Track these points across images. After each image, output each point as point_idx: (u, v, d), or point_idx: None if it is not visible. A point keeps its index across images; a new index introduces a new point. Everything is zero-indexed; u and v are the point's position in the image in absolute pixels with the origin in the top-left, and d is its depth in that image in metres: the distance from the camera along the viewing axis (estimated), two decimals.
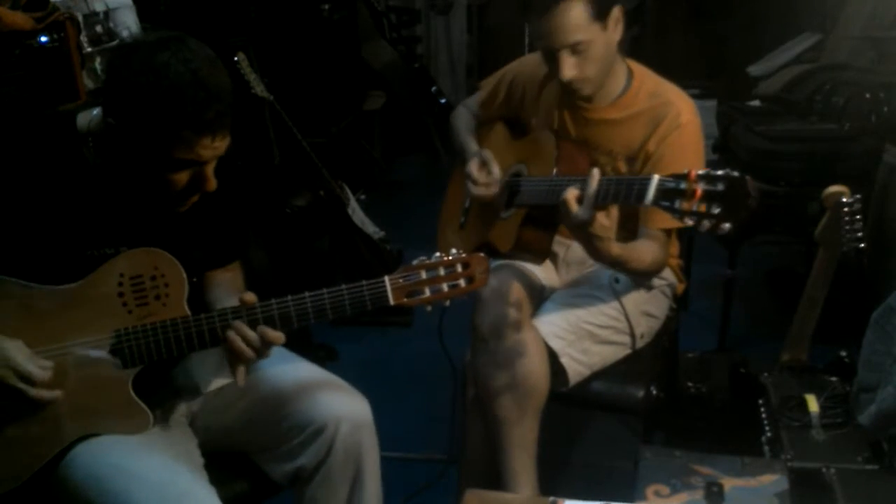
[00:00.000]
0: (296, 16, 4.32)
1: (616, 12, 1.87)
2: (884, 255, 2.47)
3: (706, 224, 1.48)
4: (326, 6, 4.47)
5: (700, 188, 1.48)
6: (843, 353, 1.97)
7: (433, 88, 4.95)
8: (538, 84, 2.11)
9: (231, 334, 1.47)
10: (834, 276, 1.97)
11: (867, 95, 3.00)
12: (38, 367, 1.44)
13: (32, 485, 1.48)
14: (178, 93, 1.36)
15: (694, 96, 5.00)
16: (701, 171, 1.49)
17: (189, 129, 1.39)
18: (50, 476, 1.48)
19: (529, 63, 2.14)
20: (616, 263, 1.83)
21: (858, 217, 1.92)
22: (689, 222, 1.51)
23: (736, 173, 1.47)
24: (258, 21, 4.02)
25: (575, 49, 1.83)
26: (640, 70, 2.02)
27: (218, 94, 1.40)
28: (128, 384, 1.50)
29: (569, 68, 1.85)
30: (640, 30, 5.63)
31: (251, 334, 1.47)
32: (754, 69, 4.10)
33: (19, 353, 1.44)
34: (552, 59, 1.88)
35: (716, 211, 1.47)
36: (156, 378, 1.56)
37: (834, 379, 1.89)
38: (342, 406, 1.63)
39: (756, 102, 3.64)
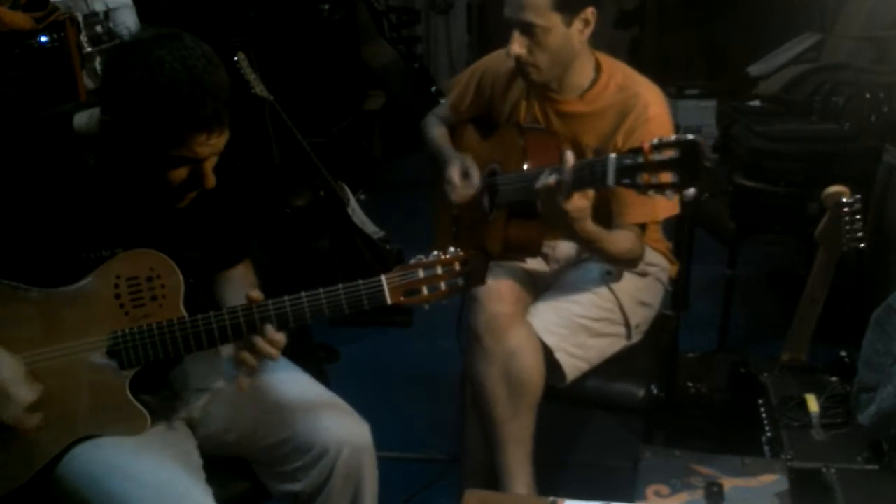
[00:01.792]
0: (296, 16, 4.32)
1: (588, 14, 1.86)
2: (884, 255, 2.47)
3: (669, 193, 1.50)
4: (326, 6, 4.48)
5: (656, 159, 1.49)
6: (843, 353, 1.97)
7: (433, 88, 4.96)
8: (506, 76, 2.11)
9: (242, 353, 1.48)
10: (834, 276, 1.97)
11: (867, 95, 3.00)
12: (25, 392, 1.43)
13: (31, 486, 1.48)
14: (173, 90, 1.35)
15: (694, 96, 5.01)
16: (654, 141, 1.50)
17: (184, 126, 1.38)
18: (48, 477, 1.48)
19: (498, 57, 2.13)
20: (593, 242, 1.83)
21: (858, 217, 1.92)
22: (652, 193, 1.52)
23: (689, 137, 1.48)
24: (258, 21, 4.02)
25: (527, 31, 1.84)
26: (610, 63, 2.01)
27: (214, 91, 1.38)
28: (125, 386, 1.49)
29: (516, 45, 1.86)
30: (640, 30, 5.64)
31: (264, 347, 1.47)
32: (754, 69, 4.10)
33: (13, 373, 1.43)
34: (509, 32, 1.88)
35: (675, 179, 1.48)
36: (153, 379, 1.56)
37: (834, 379, 1.89)
38: (343, 431, 1.62)
39: (756, 102, 3.64)
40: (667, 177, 1.49)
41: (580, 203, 1.68)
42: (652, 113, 1.91)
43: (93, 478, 1.44)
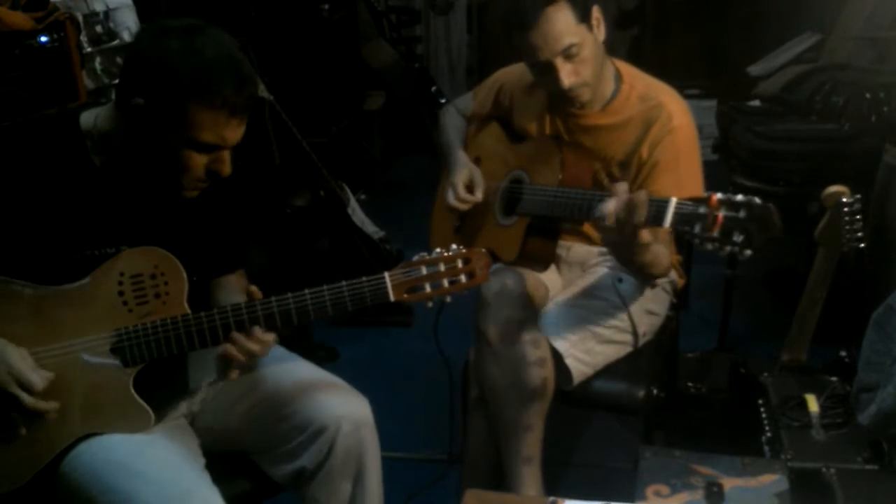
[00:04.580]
0: (296, 16, 4.32)
1: (596, 12, 1.87)
2: (884, 255, 2.47)
3: (727, 250, 1.45)
4: (326, 6, 4.47)
5: (721, 215, 1.44)
6: (843, 353, 1.97)
7: (433, 88, 4.95)
8: (525, 91, 2.10)
9: (228, 346, 1.48)
10: (834, 276, 1.97)
11: (867, 95, 3.00)
12: (38, 377, 1.44)
13: (35, 483, 1.49)
14: (216, 74, 1.38)
15: (694, 96, 5.01)
16: (721, 196, 1.46)
17: (225, 108, 1.40)
18: (53, 475, 1.48)
19: (515, 70, 2.13)
20: (642, 268, 1.80)
21: (858, 217, 1.92)
22: (709, 247, 1.47)
23: (758, 201, 1.44)
24: (258, 21, 4.02)
25: (568, 54, 1.83)
26: (629, 71, 2.01)
27: (249, 78, 1.43)
28: (129, 383, 1.50)
29: (567, 75, 1.85)
30: (640, 30, 5.64)
31: (249, 345, 1.48)
32: (754, 69, 4.09)
33: (22, 361, 1.44)
34: (547, 71, 1.87)
35: (738, 239, 1.43)
36: (157, 377, 1.56)
37: (834, 379, 1.89)
38: (342, 406, 1.63)
39: (756, 102, 3.64)
40: (728, 234, 1.44)
41: (647, 238, 1.65)
42: (677, 123, 1.90)
43: (97, 475, 1.44)
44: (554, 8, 1.80)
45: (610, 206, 1.60)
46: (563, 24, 1.80)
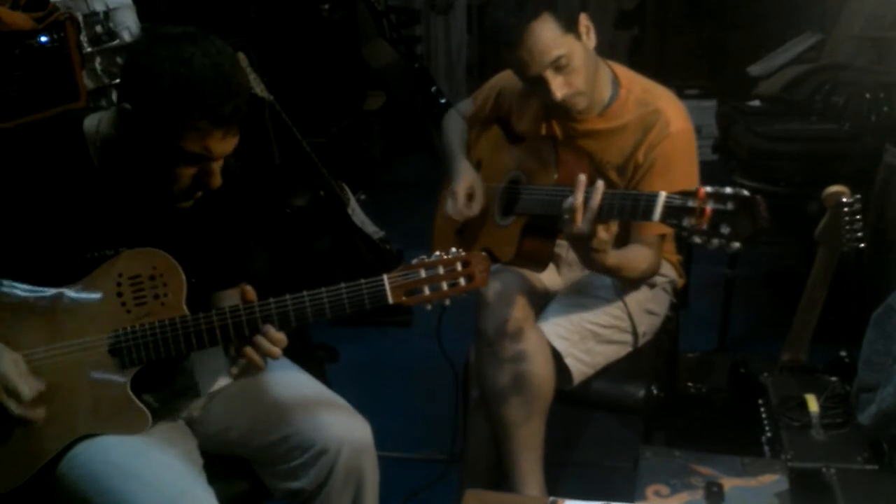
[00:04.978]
0: (296, 16, 4.32)
1: (584, 20, 1.86)
2: (884, 255, 2.48)
3: (715, 243, 1.45)
4: (326, 6, 4.47)
5: (709, 207, 1.44)
6: (843, 353, 1.97)
7: (433, 88, 4.95)
8: (524, 95, 2.10)
9: (248, 350, 1.48)
10: (834, 276, 1.97)
11: (867, 95, 3.00)
12: (27, 387, 1.44)
13: (32, 484, 1.48)
14: (200, 84, 1.37)
15: (694, 96, 4.99)
16: (710, 189, 1.46)
17: (206, 119, 1.39)
18: (50, 476, 1.48)
19: (512, 76, 2.12)
20: (609, 272, 1.82)
21: (858, 217, 1.91)
22: (697, 241, 1.47)
23: (746, 193, 1.44)
24: (258, 21, 4.02)
25: (557, 66, 1.82)
26: (626, 75, 2.00)
27: (238, 92, 1.41)
28: (126, 384, 1.49)
29: (558, 87, 1.84)
30: (640, 30, 5.64)
31: (269, 347, 1.48)
32: (754, 69, 4.09)
33: (14, 369, 1.44)
34: (539, 84, 1.86)
35: (725, 231, 1.43)
36: (155, 378, 1.56)
37: (834, 379, 1.89)
38: (344, 429, 1.63)
39: (756, 102, 3.64)
40: (716, 227, 1.44)
41: (603, 236, 1.66)
42: (674, 129, 1.90)
43: (94, 476, 1.44)
44: (538, 22, 1.79)
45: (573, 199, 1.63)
46: (548, 38, 1.79)
